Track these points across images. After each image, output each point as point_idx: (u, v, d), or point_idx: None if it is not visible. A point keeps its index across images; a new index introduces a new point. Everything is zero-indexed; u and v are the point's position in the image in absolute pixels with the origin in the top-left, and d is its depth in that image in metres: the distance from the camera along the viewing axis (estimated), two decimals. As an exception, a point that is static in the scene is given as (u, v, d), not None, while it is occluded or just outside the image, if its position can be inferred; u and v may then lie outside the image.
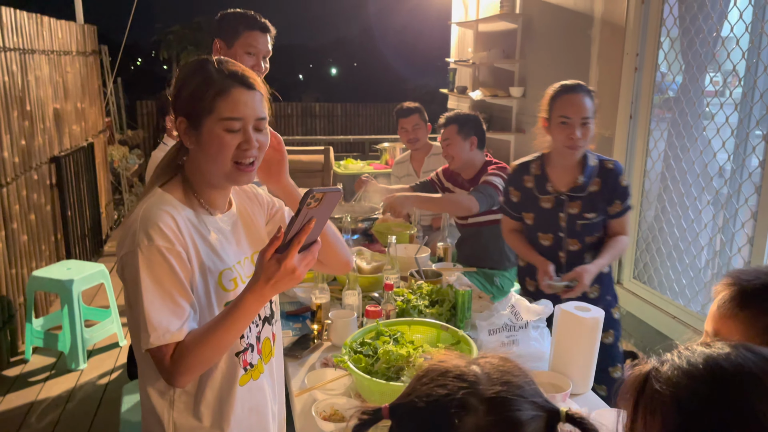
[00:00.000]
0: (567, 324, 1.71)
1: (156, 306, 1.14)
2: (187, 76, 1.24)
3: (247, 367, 1.33)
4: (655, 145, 3.41)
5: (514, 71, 4.86)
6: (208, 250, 1.25)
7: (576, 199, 2.21)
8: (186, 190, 1.27)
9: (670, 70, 3.32)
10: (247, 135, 1.21)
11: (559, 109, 2.16)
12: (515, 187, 2.36)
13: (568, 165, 2.23)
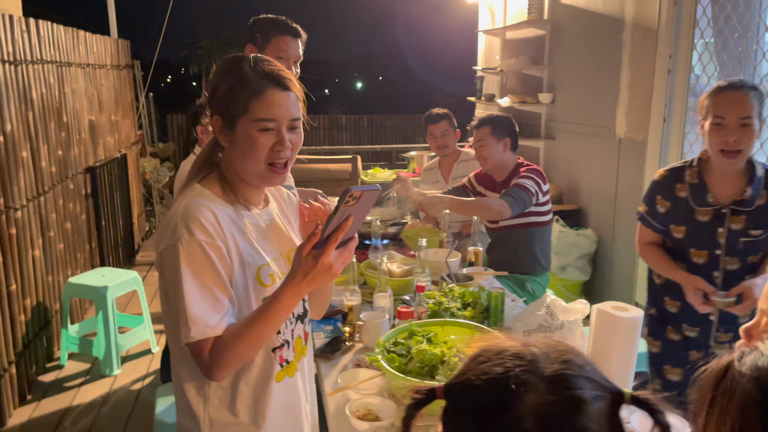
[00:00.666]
0: (604, 324, 1.67)
1: (196, 300, 1.15)
2: (222, 74, 1.25)
3: (284, 364, 1.32)
4: (690, 149, 3.35)
5: (543, 77, 4.83)
6: (247, 245, 1.25)
7: (740, 214, 1.93)
8: (223, 185, 1.28)
9: (705, 71, 3.26)
10: (281, 136, 1.21)
11: (714, 108, 1.87)
12: (664, 196, 2.06)
13: (731, 174, 1.93)
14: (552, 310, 1.78)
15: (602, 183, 4.07)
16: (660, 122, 3.44)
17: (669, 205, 2.04)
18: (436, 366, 1.57)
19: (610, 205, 4.00)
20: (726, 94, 1.85)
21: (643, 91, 3.57)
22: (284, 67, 1.27)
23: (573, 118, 4.42)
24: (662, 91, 3.42)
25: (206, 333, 1.16)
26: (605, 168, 4.02)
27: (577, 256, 4.07)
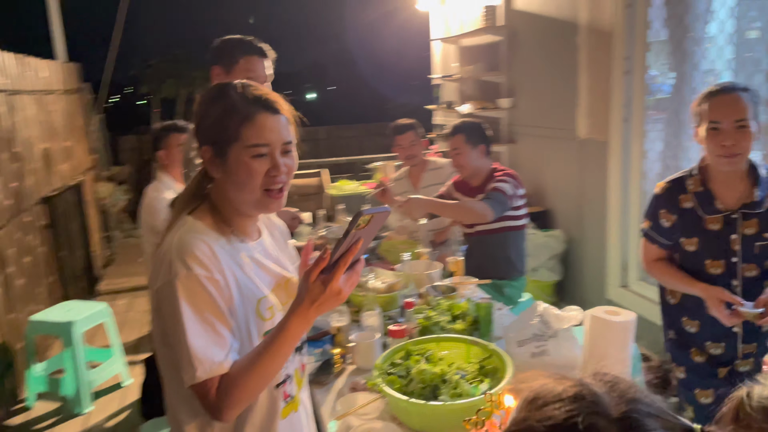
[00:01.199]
0: (598, 329, 1.69)
1: (199, 338, 1.11)
2: (208, 103, 1.22)
3: (288, 399, 1.29)
4: (651, 146, 3.44)
5: (501, 83, 4.89)
6: (245, 278, 1.21)
7: (751, 217, 1.85)
8: (215, 217, 1.24)
9: (661, 71, 3.36)
10: (275, 161, 1.19)
11: (709, 113, 1.82)
12: (669, 209, 1.96)
13: (734, 178, 1.87)
14: (546, 319, 1.79)
15: (567, 184, 4.14)
16: (620, 122, 3.52)
17: (675, 218, 1.95)
18: (438, 386, 1.55)
19: (576, 205, 4.08)
20: (719, 97, 1.81)
21: (602, 93, 3.65)
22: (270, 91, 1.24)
23: (534, 121, 4.49)
24: (620, 92, 3.50)
25: (213, 371, 1.11)
26: (569, 169, 4.09)
27: (548, 257, 4.13)
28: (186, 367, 1.10)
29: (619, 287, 3.69)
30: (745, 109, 1.78)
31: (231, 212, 1.24)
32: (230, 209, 1.24)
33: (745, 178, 1.87)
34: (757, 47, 2.87)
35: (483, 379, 1.58)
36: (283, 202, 1.24)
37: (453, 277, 2.59)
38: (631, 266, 3.64)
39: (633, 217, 3.58)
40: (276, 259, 1.33)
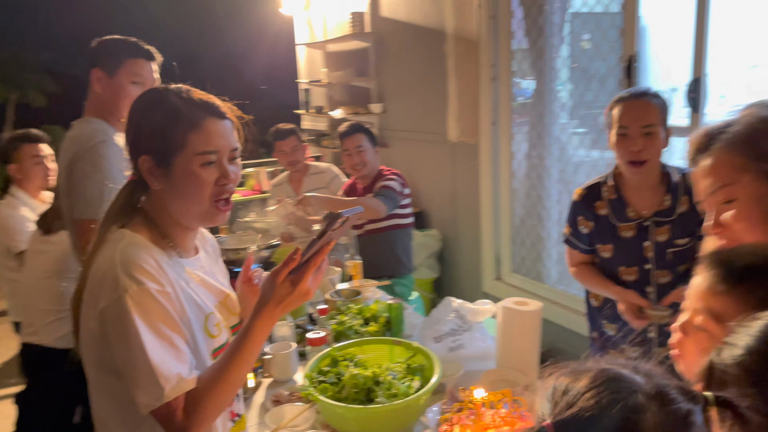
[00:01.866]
0: (510, 320, 1.79)
1: (161, 355, 1.02)
2: (146, 110, 1.13)
3: (235, 419, 1.23)
4: (518, 148, 3.71)
5: (371, 88, 5.00)
6: (191, 294, 1.15)
7: (664, 224, 1.87)
8: (152, 232, 1.15)
9: (525, 77, 3.64)
10: (224, 168, 1.13)
11: (618, 118, 1.83)
12: (585, 216, 1.99)
13: (647, 185, 1.88)
14: (461, 314, 1.87)
15: (441, 185, 4.33)
16: (489, 126, 3.76)
17: (592, 224, 1.99)
18: (371, 389, 1.56)
19: (450, 205, 4.28)
20: (628, 103, 1.82)
21: (471, 98, 3.87)
22: (211, 95, 1.18)
23: (406, 125, 4.64)
24: (488, 98, 3.73)
25: (182, 387, 1.04)
26: (442, 171, 4.28)
27: (426, 256, 4.29)
28: (149, 387, 1.01)
29: (493, 280, 3.93)
30: (653, 114, 1.79)
31: (170, 226, 1.16)
32: (169, 223, 1.16)
33: (658, 185, 1.88)
34: (580, 58, 3.23)
35: (412, 377, 1.61)
36: (228, 214, 1.18)
37: (353, 281, 2.60)
38: (504, 260, 3.90)
39: (504, 214, 3.84)
40: (213, 275, 1.28)
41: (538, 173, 3.58)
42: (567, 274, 3.53)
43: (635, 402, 0.60)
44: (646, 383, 0.62)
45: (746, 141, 1.01)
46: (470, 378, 1.77)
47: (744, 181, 1.00)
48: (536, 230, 3.64)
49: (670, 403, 0.60)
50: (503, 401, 1.02)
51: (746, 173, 1.00)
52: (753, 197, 1.00)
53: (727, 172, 1.02)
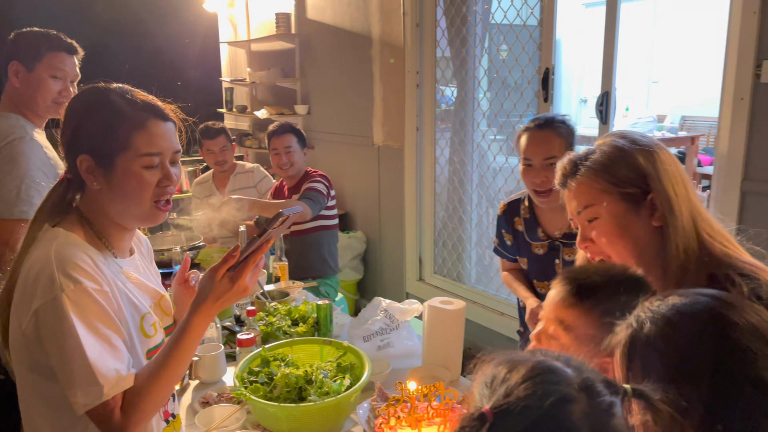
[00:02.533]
0: (435, 318, 1.86)
1: (99, 353, 1.02)
2: (87, 109, 1.12)
3: (170, 419, 1.22)
4: (441, 153, 3.83)
5: (296, 89, 4.99)
6: (127, 293, 1.14)
7: (571, 245, 1.93)
8: (87, 231, 1.14)
9: (448, 85, 3.76)
10: (166, 170, 1.14)
11: (523, 150, 1.91)
12: (506, 230, 2.12)
13: (557, 207, 1.90)
14: (390, 313, 1.92)
15: (365, 188, 4.39)
16: (414, 131, 3.86)
17: (512, 237, 2.11)
18: (303, 387, 1.58)
19: (375, 208, 4.34)
20: (531, 134, 1.89)
21: (396, 103, 3.95)
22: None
23: (331, 128, 4.67)
24: (413, 103, 3.83)
25: (120, 386, 1.03)
26: (367, 174, 4.34)
27: (351, 257, 4.34)
28: (86, 387, 1.00)
29: (416, 281, 4.03)
30: (556, 146, 1.86)
31: (107, 226, 1.16)
32: (106, 223, 1.16)
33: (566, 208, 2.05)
34: (501, 69, 3.38)
35: (343, 375, 1.65)
36: (167, 215, 1.18)
37: (280, 282, 2.61)
38: (426, 261, 4.00)
39: (426, 216, 3.94)
40: (147, 276, 1.27)
41: (460, 178, 3.71)
42: (486, 275, 3.69)
43: (567, 393, 0.65)
44: (576, 376, 0.67)
45: (604, 167, 1.16)
46: (398, 375, 1.82)
47: (604, 202, 1.15)
48: (457, 233, 3.77)
49: (596, 396, 0.66)
50: (436, 393, 1.08)
51: (606, 195, 1.14)
52: (612, 216, 1.15)
53: (589, 195, 1.17)
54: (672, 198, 1.11)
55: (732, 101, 2.28)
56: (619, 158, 1.15)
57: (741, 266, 1.06)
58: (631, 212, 1.13)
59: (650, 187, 1.12)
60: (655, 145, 1.16)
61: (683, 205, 1.11)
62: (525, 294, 2.03)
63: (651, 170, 1.12)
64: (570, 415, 0.63)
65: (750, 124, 2.24)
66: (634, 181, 1.13)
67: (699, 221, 1.12)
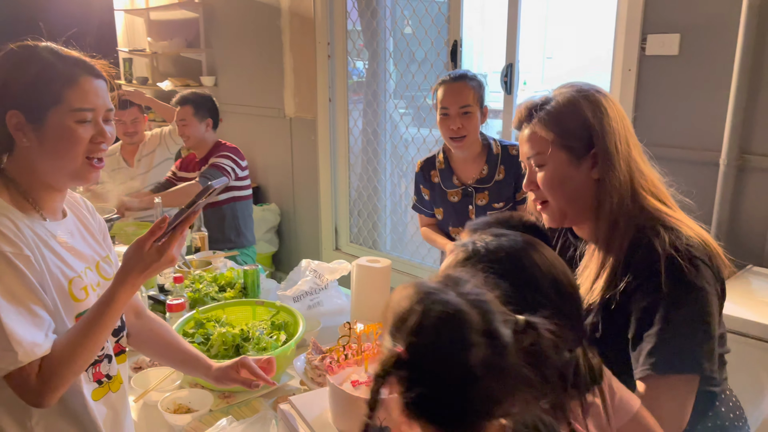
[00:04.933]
0: (363, 276, 1.96)
1: (14, 320, 1.02)
2: (16, 64, 1.10)
3: (103, 380, 1.23)
4: (355, 124, 3.90)
5: (201, 60, 4.86)
6: (53, 257, 1.13)
7: (483, 190, 2.17)
8: (13, 193, 1.12)
9: (360, 56, 3.83)
10: (99, 126, 1.14)
11: (440, 100, 2.09)
12: (424, 185, 2.29)
13: (470, 157, 2.16)
14: (319, 273, 1.99)
15: (278, 160, 4.39)
16: (326, 102, 3.89)
17: (429, 191, 2.29)
18: (239, 345, 1.62)
19: (288, 180, 4.36)
20: (447, 85, 2.07)
21: (307, 75, 3.97)
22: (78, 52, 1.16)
23: (240, 99, 4.60)
24: (325, 75, 3.86)
25: (36, 353, 1.04)
26: (279, 146, 4.34)
27: (265, 230, 4.34)
28: (1, 353, 1.01)
29: (333, 250, 4.11)
30: (469, 96, 2.06)
31: (35, 187, 1.14)
32: (35, 183, 1.14)
33: (479, 156, 2.18)
34: (411, 41, 3.50)
35: (278, 332, 1.71)
36: (99, 173, 1.18)
37: (200, 252, 2.60)
38: (342, 231, 4.09)
39: (341, 187, 4.02)
40: (84, 239, 1.25)
41: (374, 148, 3.80)
42: (400, 242, 3.83)
43: (468, 340, 0.67)
44: (475, 317, 0.69)
45: (554, 119, 1.22)
46: (328, 332, 1.91)
47: (551, 151, 1.21)
48: (372, 202, 3.88)
49: (497, 337, 0.68)
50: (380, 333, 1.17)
51: (552, 145, 1.21)
52: (555, 165, 1.22)
53: (539, 143, 1.23)
54: (612, 154, 1.16)
55: (621, 72, 2.51)
56: (569, 112, 1.20)
57: (667, 220, 1.14)
58: (573, 164, 1.19)
59: (594, 142, 1.18)
60: (605, 100, 1.20)
61: (623, 161, 1.17)
62: (443, 241, 2.21)
63: (597, 127, 1.17)
64: (472, 359, 0.66)
65: (636, 93, 2.48)
66: (579, 135, 1.18)
67: (637, 176, 1.18)
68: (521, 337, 0.71)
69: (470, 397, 0.67)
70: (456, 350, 0.67)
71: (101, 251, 1.28)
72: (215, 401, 1.54)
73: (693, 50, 2.30)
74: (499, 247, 0.86)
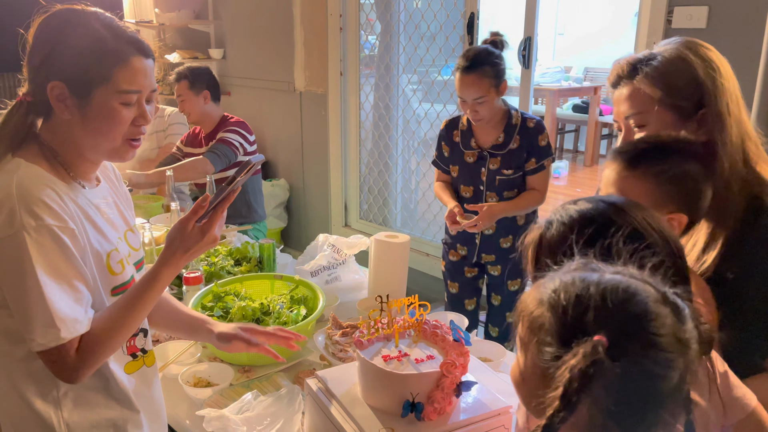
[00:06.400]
0: (382, 251, 1.92)
1: (58, 295, 0.99)
2: (65, 32, 1.04)
3: (137, 353, 1.22)
4: (366, 99, 3.84)
5: (210, 32, 4.78)
6: (92, 228, 1.10)
7: (496, 156, 2.28)
8: (51, 162, 1.08)
9: (372, 29, 3.75)
10: (142, 109, 1.09)
11: (457, 89, 2.21)
12: (446, 142, 2.41)
13: (491, 124, 2.28)
14: (337, 248, 1.96)
15: (288, 134, 4.34)
16: (337, 76, 3.83)
17: (449, 149, 2.41)
18: (260, 319, 1.60)
19: (297, 155, 4.31)
20: (462, 77, 2.16)
21: (318, 48, 3.90)
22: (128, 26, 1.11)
23: (249, 73, 4.53)
24: (337, 48, 3.79)
25: (78, 330, 1.02)
26: (289, 120, 4.28)
27: (274, 206, 4.30)
28: (44, 329, 0.98)
29: (342, 227, 4.08)
30: (483, 86, 2.14)
31: (72, 156, 1.10)
32: (72, 152, 1.10)
33: (498, 124, 2.28)
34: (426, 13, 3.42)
35: (298, 307, 1.68)
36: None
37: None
38: (351, 207, 4.05)
39: (352, 163, 3.97)
40: (116, 206, 1.22)
41: (385, 123, 3.75)
42: (411, 219, 3.80)
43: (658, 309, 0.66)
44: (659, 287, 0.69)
45: (662, 77, 1.13)
46: (346, 307, 1.88)
47: (655, 110, 1.13)
48: (383, 178, 3.83)
49: (677, 307, 0.68)
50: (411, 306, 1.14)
51: (658, 104, 1.12)
52: (659, 125, 1.13)
53: (642, 102, 1.15)
54: (725, 115, 1.08)
55: (645, 45, 2.44)
56: (678, 69, 1.11)
57: None
58: (678, 124, 1.11)
59: (704, 103, 1.10)
60: (716, 56, 1.13)
61: (734, 123, 1.09)
62: (448, 200, 2.35)
63: (709, 86, 1.09)
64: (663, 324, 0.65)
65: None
66: (689, 94, 1.10)
67: (747, 141, 1.10)
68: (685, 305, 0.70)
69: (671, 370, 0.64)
70: (648, 323, 0.64)
71: (129, 220, 1.26)
72: (235, 375, 1.52)
73: (721, 23, 2.24)
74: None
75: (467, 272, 2.50)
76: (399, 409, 1.06)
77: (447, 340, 1.14)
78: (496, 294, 2.48)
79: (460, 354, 1.10)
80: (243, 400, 1.31)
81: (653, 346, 0.63)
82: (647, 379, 0.64)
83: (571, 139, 7.05)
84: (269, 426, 1.24)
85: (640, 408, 0.64)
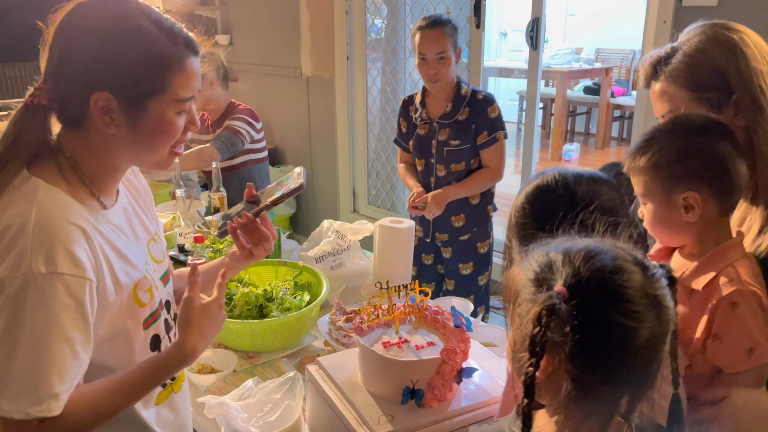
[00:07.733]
0: (386, 237, 1.91)
1: (42, 365, 0.84)
2: (111, 36, 0.89)
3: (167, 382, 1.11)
4: (373, 83, 3.81)
5: (216, 18, 4.76)
6: (117, 258, 0.97)
7: (445, 127, 2.32)
8: (69, 177, 0.94)
9: (379, 12, 3.71)
10: (192, 114, 0.98)
11: (418, 46, 2.23)
12: (404, 117, 2.48)
13: (442, 95, 2.32)
14: (342, 234, 1.95)
15: (295, 120, 4.32)
16: (344, 60, 3.80)
17: (406, 124, 2.48)
18: (263, 305, 1.60)
19: (305, 141, 4.29)
20: (424, 33, 2.20)
21: (325, 32, 3.86)
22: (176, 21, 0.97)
23: (256, 59, 4.51)
24: (343, 32, 3.76)
25: (51, 410, 0.84)
26: (296, 106, 4.26)
27: (283, 192, 4.30)
28: (16, 395, 0.83)
29: (350, 213, 4.07)
30: (445, 42, 2.19)
31: (100, 170, 0.97)
32: (101, 167, 0.97)
33: (449, 95, 2.32)
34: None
35: (302, 293, 1.68)
36: None
37: (219, 213, 2.57)
38: (360, 193, 4.04)
39: (359, 148, 3.95)
40: (136, 213, 1.08)
41: (393, 108, 3.71)
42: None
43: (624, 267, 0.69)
44: (627, 252, 0.72)
45: (683, 74, 1.11)
46: (351, 293, 1.88)
47: (685, 106, 1.11)
48: (391, 163, 3.81)
49: (645, 267, 0.71)
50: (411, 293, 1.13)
51: (687, 101, 1.10)
52: None
53: (672, 100, 1.13)
54: (758, 97, 1.05)
55: (655, 24, 2.39)
56: (699, 63, 1.09)
57: None
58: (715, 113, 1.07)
59: (733, 88, 1.06)
60: (740, 37, 1.09)
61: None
62: (412, 183, 2.40)
63: (732, 71, 1.06)
64: (630, 285, 0.67)
65: (671, 48, 2.37)
66: (716, 84, 1.08)
67: None
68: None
69: (640, 323, 0.66)
70: (612, 276, 0.67)
71: (150, 227, 1.12)
72: (239, 361, 1.52)
73: (733, 1, 2.18)
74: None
75: (424, 259, 2.54)
76: (399, 396, 1.06)
77: (448, 327, 1.13)
78: (449, 279, 2.49)
79: (461, 340, 1.09)
80: (244, 387, 1.31)
81: (619, 298, 0.66)
82: (612, 330, 0.65)
83: (583, 122, 6.96)
84: (270, 412, 1.24)
85: (611, 362, 0.66)
